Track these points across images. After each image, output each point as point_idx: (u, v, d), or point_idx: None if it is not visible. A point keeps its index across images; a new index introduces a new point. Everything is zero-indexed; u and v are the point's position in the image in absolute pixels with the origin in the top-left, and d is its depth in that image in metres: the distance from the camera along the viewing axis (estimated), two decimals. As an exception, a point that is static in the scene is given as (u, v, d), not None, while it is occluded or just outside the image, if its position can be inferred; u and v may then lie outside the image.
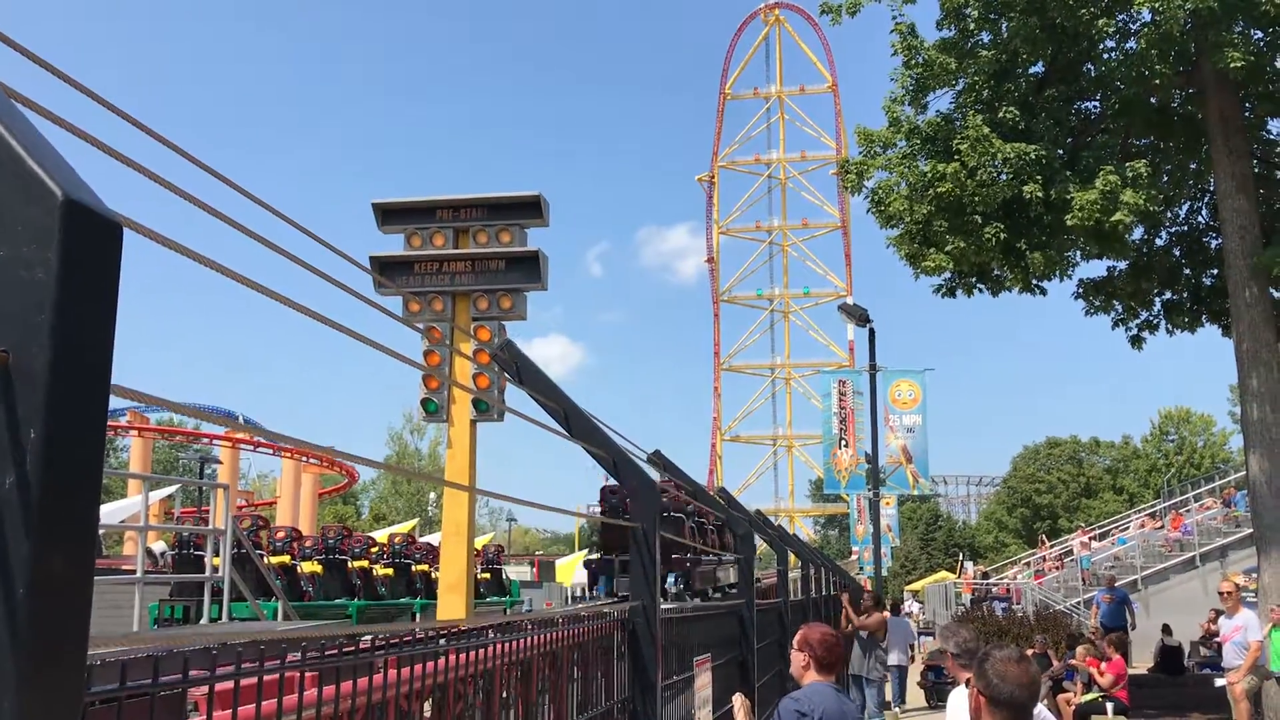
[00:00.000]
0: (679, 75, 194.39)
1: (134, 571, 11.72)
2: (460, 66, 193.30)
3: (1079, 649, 14.87)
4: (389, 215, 14.16)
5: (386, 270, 13.96)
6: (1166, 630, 23.26)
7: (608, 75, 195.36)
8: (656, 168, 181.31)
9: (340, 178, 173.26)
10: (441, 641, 2.94)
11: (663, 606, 4.55)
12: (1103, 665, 16.05)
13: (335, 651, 2.32)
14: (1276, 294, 16.96)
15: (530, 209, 14.03)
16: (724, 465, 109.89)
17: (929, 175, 15.84)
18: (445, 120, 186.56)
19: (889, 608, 19.48)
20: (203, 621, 12.26)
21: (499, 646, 3.23)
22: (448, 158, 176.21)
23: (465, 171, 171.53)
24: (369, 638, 2.83)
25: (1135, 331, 19.36)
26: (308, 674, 2.21)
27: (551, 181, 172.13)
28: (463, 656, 2.96)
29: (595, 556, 14.61)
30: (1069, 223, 14.89)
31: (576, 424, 3.93)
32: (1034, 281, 17.12)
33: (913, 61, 16.78)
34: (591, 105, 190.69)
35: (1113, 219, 14.58)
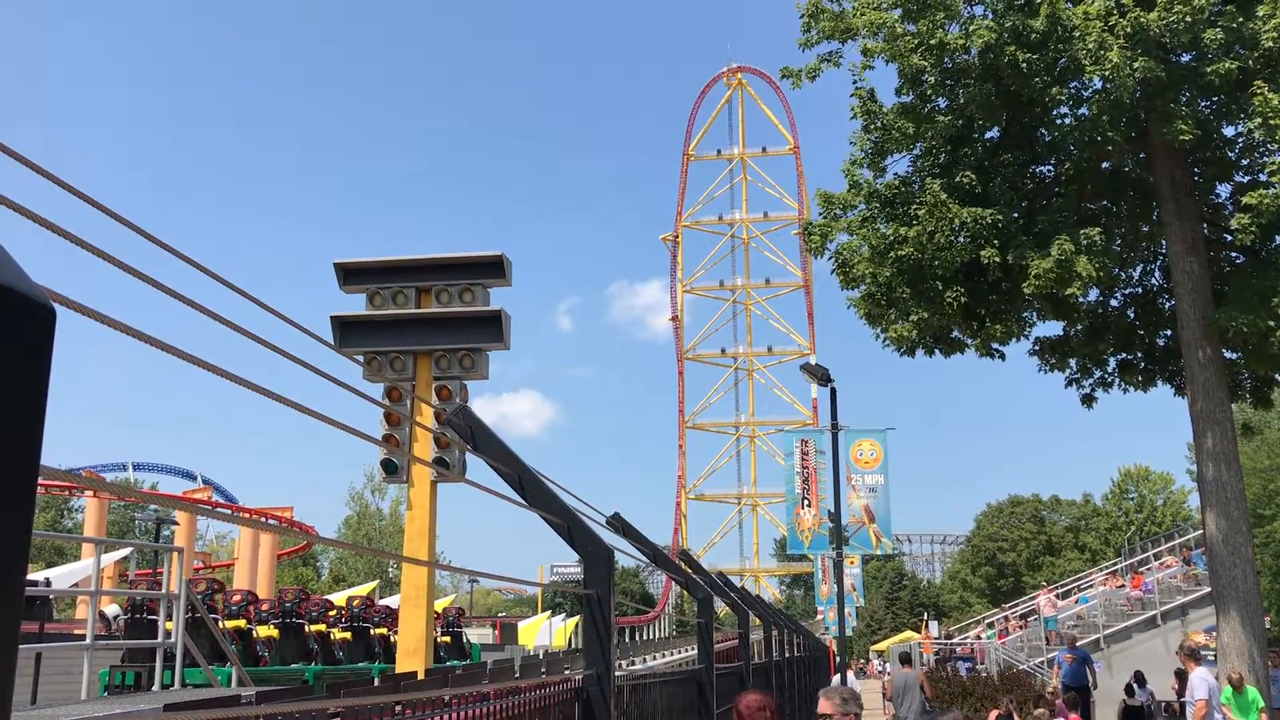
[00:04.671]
0: (650, 132, 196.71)
1: (85, 636, 11.45)
2: (431, 129, 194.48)
3: (1038, 711, 14.88)
4: (351, 275, 14.09)
5: (347, 330, 13.88)
6: (1129, 690, 23.30)
7: (579, 132, 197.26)
8: (626, 223, 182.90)
9: (305, 237, 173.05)
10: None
11: (621, 673, 4.51)
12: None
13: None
14: (1229, 355, 17.25)
15: (493, 268, 14.02)
16: (689, 524, 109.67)
17: (890, 238, 16.06)
18: (415, 180, 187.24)
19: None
20: (154, 688, 11.98)
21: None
22: (418, 218, 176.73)
23: (436, 230, 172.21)
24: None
25: (1088, 390, 19.60)
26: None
27: (520, 234, 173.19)
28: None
29: None
30: (1026, 291, 15.16)
31: (531, 490, 3.91)
32: (993, 346, 17.37)
33: (872, 125, 17.08)
34: (563, 162, 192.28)
35: (1067, 292, 14.87)
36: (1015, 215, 16.21)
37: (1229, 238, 17.21)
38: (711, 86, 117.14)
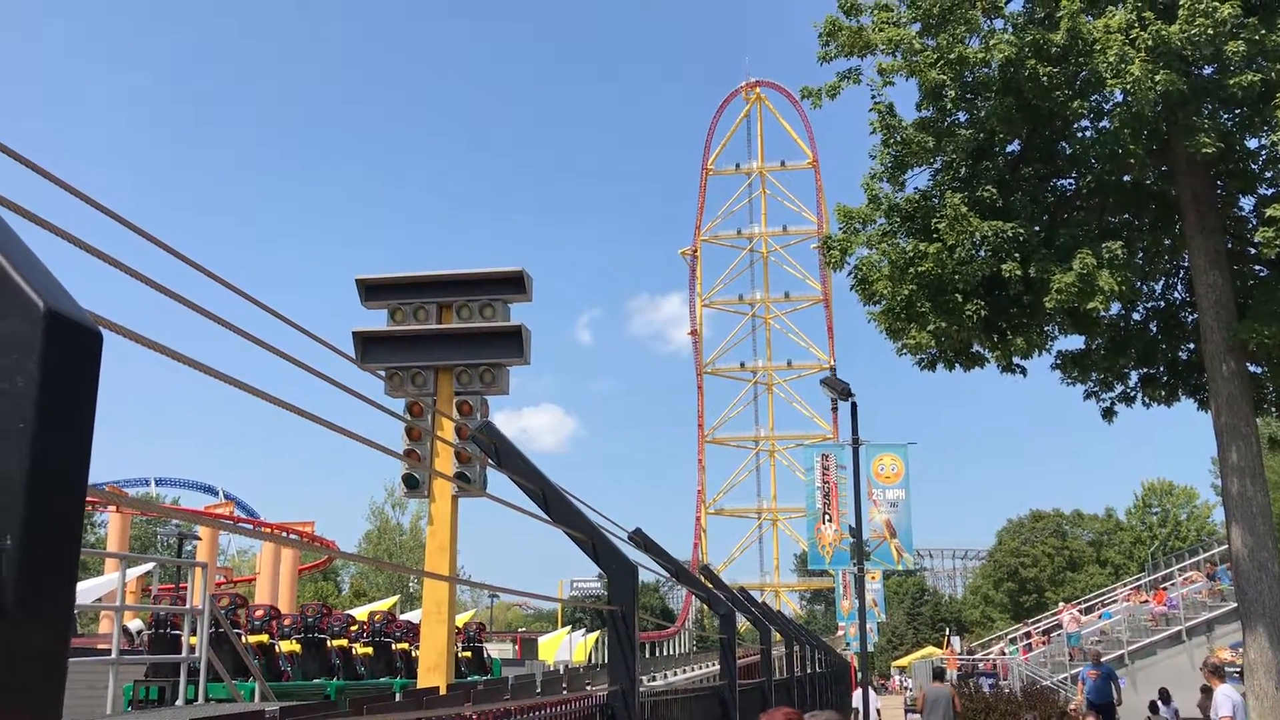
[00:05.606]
0: (669, 146, 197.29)
1: (109, 650, 11.53)
2: (451, 145, 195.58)
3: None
4: (372, 291, 14.17)
5: (369, 345, 13.94)
6: (1154, 707, 23.09)
7: (598, 146, 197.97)
8: (647, 237, 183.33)
9: (326, 253, 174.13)
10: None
11: (642, 689, 4.51)
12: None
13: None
14: (1253, 368, 17.12)
15: (513, 284, 14.07)
16: (709, 539, 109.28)
17: (910, 253, 16.02)
18: (436, 195, 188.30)
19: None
20: (179, 702, 12.04)
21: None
22: (439, 233, 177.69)
23: (457, 244, 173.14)
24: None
25: (1108, 404, 19.48)
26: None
27: (540, 248, 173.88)
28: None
29: None
30: (1047, 305, 15.09)
31: (555, 506, 3.92)
32: (1015, 361, 17.30)
33: (891, 139, 17.05)
34: (583, 176, 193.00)
35: (1089, 306, 14.80)
36: (1036, 229, 16.15)
37: (1252, 251, 17.10)
38: (730, 101, 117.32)
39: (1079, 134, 16.77)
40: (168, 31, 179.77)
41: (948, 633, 70.50)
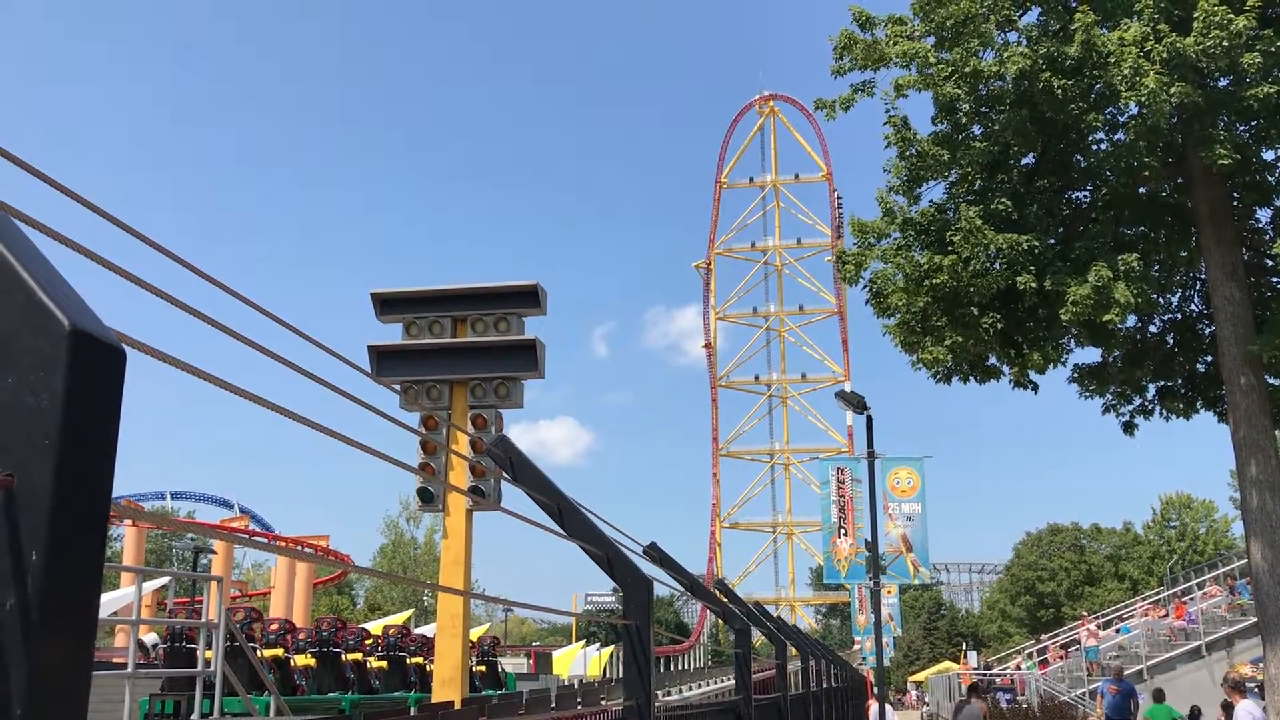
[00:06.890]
0: (684, 159, 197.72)
1: (125, 664, 11.55)
2: (466, 156, 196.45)
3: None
4: (388, 305, 14.24)
5: (384, 359, 14.00)
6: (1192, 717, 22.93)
7: (613, 158, 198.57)
8: (662, 249, 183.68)
9: (340, 265, 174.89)
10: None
11: (658, 704, 4.50)
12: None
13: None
14: (1272, 380, 17.01)
15: (528, 298, 14.12)
16: (724, 553, 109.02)
17: (925, 266, 15.99)
18: (451, 207, 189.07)
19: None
20: (194, 716, 12.05)
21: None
22: (454, 245, 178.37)
23: (472, 256, 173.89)
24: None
25: (1128, 418, 19.38)
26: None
27: (556, 260, 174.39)
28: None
29: None
30: (1063, 318, 15.04)
31: (571, 521, 3.93)
32: (1028, 377, 17.26)
33: (906, 153, 17.03)
34: (598, 188, 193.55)
35: (1105, 319, 14.75)
36: (1052, 241, 16.11)
37: (1270, 263, 17.02)
38: (744, 114, 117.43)
39: (1094, 146, 16.73)
40: (169, 40, 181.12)
41: (964, 647, 70.10)
